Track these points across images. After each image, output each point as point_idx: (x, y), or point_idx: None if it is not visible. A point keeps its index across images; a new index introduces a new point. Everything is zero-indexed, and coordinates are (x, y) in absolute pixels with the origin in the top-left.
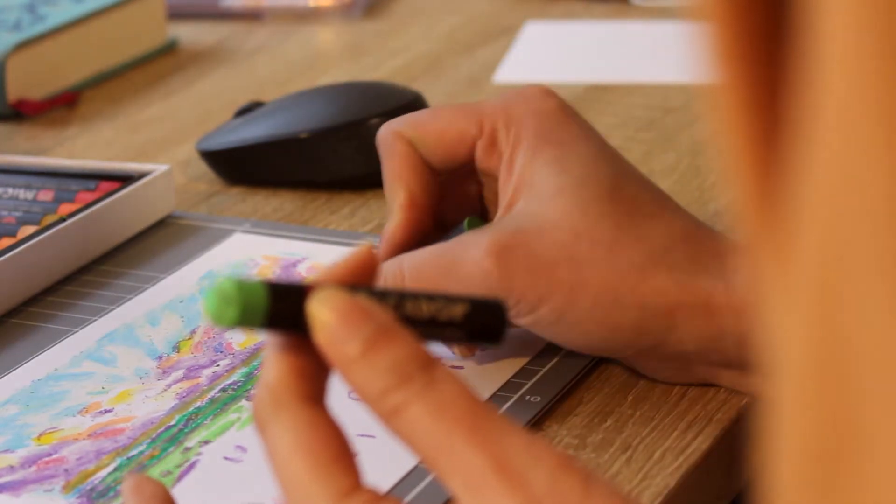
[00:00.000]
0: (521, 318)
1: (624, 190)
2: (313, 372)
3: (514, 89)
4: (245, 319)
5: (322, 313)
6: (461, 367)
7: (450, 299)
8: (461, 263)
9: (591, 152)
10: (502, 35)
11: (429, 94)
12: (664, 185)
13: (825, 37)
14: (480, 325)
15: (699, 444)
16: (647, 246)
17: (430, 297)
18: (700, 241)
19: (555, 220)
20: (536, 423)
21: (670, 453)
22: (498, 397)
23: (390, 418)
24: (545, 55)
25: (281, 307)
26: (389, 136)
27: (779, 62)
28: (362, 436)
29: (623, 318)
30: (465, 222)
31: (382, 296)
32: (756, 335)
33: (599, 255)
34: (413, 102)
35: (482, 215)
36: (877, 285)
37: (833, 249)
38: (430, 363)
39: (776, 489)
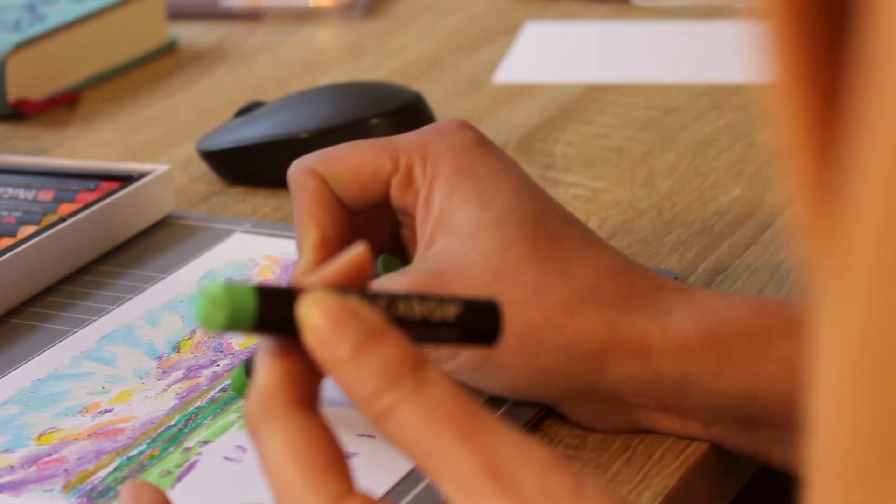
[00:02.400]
0: (442, 364)
1: (547, 226)
2: (305, 376)
3: (431, 125)
4: (234, 323)
5: (312, 315)
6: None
7: (442, 300)
8: None
9: (512, 187)
10: (502, 35)
11: (429, 94)
12: (664, 185)
13: (885, 32)
14: (474, 325)
15: (699, 445)
16: (573, 284)
17: (423, 298)
18: (630, 279)
19: (475, 260)
20: (536, 424)
21: (670, 453)
22: (498, 398)
23: (381, 420)
24: (545, 55)
25: (270, 310)
26: (301, 172)
27: (838, 58)
28: (362, 436)
29: (549, 361)
30: (379, 261)
31: (373, 297)
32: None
33: (523, 295)
34: (413, 102)
35: (396, 252)
36: None
37: (892, 244)
38: (422, 364)
39: (819, 490)
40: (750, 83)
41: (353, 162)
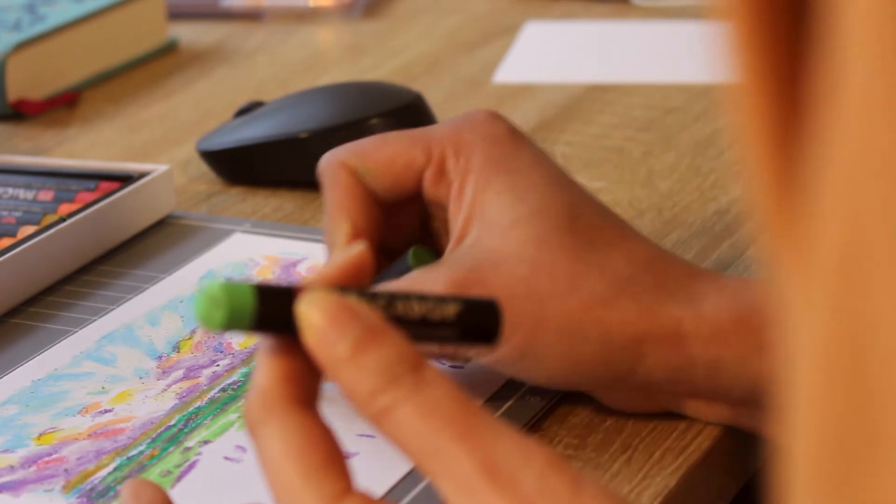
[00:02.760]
0: (482, 358)
1: (582, 218)
2: (304, 375)
3: (462, 114)
4: (233, 322)
5: (310, 314)
6: (461, 367)
7: (442, 299)
8: None
9: (546, 180)
10: (502, 35)
11: (429, 94)
12: (664, 185)
13: (845, 31)
14: (474, 324)
15: (699, 444)
16: (610, 275)
17: (422, 298)
18: (664, 268)
19: (512, 254)
20: (536, 424)
21: (670, 453)
22: (498, 397)
23: (379, 420)
24: (545, 55)
25: (269, 309)
26: (333, 165)
27: (799, 57)
28: (362, 436)
29: (587, 352)
30: (410, 253)
31: (372, 297)
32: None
33: (560, 288)
34: (413, 102)
35: (425, 243)
36: None
37: (854, 243)
38: (420, 364)
39: (790, 485)
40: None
41: (387, 154)
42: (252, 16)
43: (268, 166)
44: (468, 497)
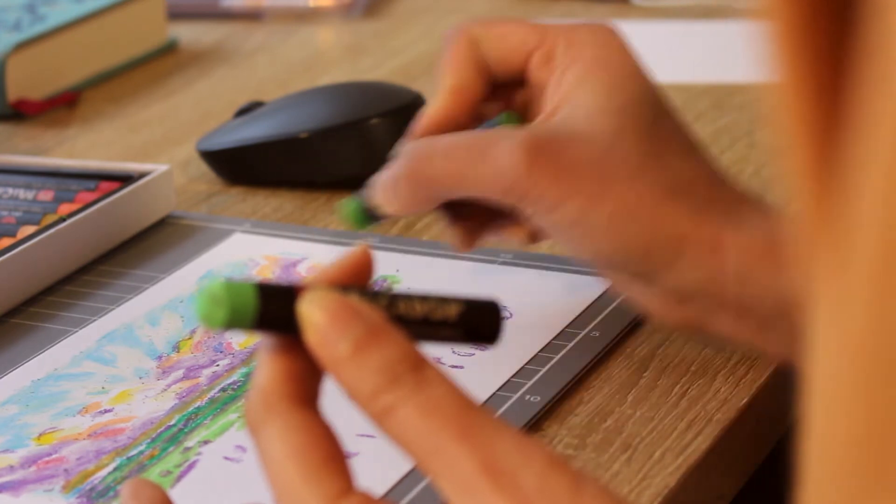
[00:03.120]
0: (538, 217)
1: (663, 126)
2: (305, 374)
3: (583, 22)
4: (234, 321)
5: (312, 314)
6: (461, 367)
7: (444, 299)
8: (493, 150)
9: (641, 89)
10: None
11: (429, 94)
12: None
13: (889, 31)
14: (476, 324)
15: (699, 444)
16: (671, 177)
17: (424, 298)
18: (720, 187)
19: (591, 135)
20: (536, 423)
21: (670, 453)
22: (498, 397)
23: (381, 419)
24: None
25: (271, 308)
26: (458, 30)
27: (842, 59)
28: (362, 436)
29: (634, 237)
30: (503, 116)
31: (374, 296)
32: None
33: (625, 173)
34: (413, 102)
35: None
36: None
37: (893, 245)
38: (421, 363)
39: (815, 485)
40: (752, 83)
41: (506, 29)
42: (252, 16)
43: (268, 166)
44: (469, 496)
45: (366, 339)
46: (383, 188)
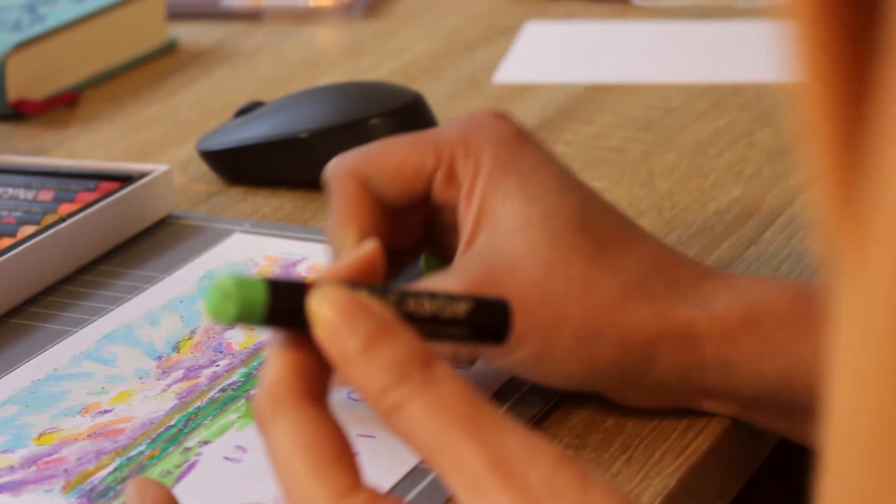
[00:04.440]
0: (498, 361)
1: (592, 219)
2: (315, 370)
3: (468, 115)
4: (244, 316)
5: (322, 310)
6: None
7: (452, 297)
8: None
9: (555, 180)
10: (502, 35)
11: (429, 94)
12: (664, 185)
13: None
14: (484, 323)
15: (699, 444)
16: (623, 277)
17: (433, 295)
18: (674, 268)
19: (525, 257)
20: (536, 424)
21: (670, 453)
22: (498, 397)
23: (390, 415)
24: (545, 55)
25: (280, 304)
26: (341, 172)
27: (865, 61)
28: (362, 436)
29: (604, 354)
30: (422, 260)
31: (384, 293)
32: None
33: (575, 290)
34: (413, 102)
35: (430, 246)
36: None
37: None
38: (430, 360)
39: (836, 475)
40: (752, 82)
41: (396, 160)
42: (252, 16)
43: (268, 166)
44: (477, 494)
45: (375, 336)
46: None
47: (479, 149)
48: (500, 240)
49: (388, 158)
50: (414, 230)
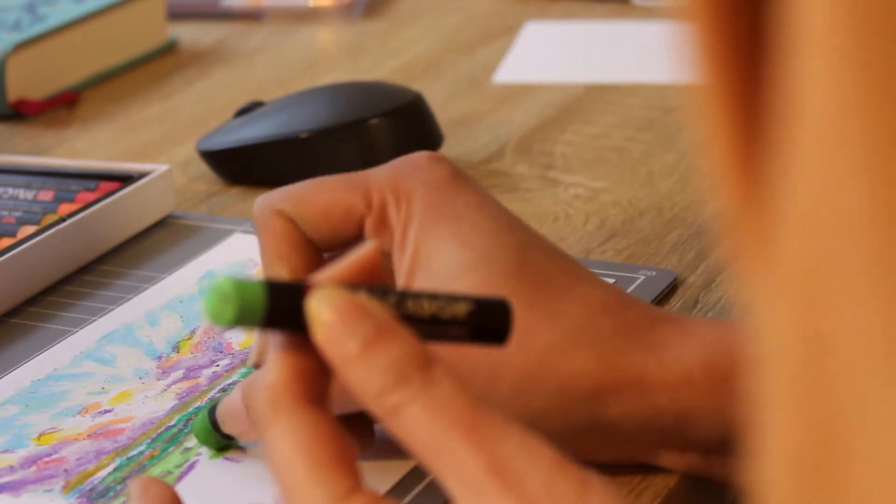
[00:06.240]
0: None
1: (531, 262)
2: (314, 373)
3: (403, 158)
4: (243, 318)
5: (321, 312)
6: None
7: (452, 298)
8: None
9: (491, 223)
10: (502, 35)
11: (429, 94)
12: (664, 185)
13: (805, 38)
14: (484, 324)
15: None
16: (565, 324)
17: (433, 296)
18: (622, 312)
19: None
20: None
21: None
22: None
23: (388, 417)
24: (545, 55)
25: (280, 306)
26: (266, 212)
27: (761, 63)
28: None
29: (546, 403)
30: None
31: (383, 294)
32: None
33: (513, 339)
34: (413, 102)
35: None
36: (858, 290)
37: (815, 253)
38: (430, 363)
39: (764, 498)
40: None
41: (323, 202)
42: (252, 16)
43: (268, 166)
44: (475, 496)
45: (374, 338)
46: (240, 421)
47: (410, 193)
48: (436, 288)
49: (315, 200)
50: None
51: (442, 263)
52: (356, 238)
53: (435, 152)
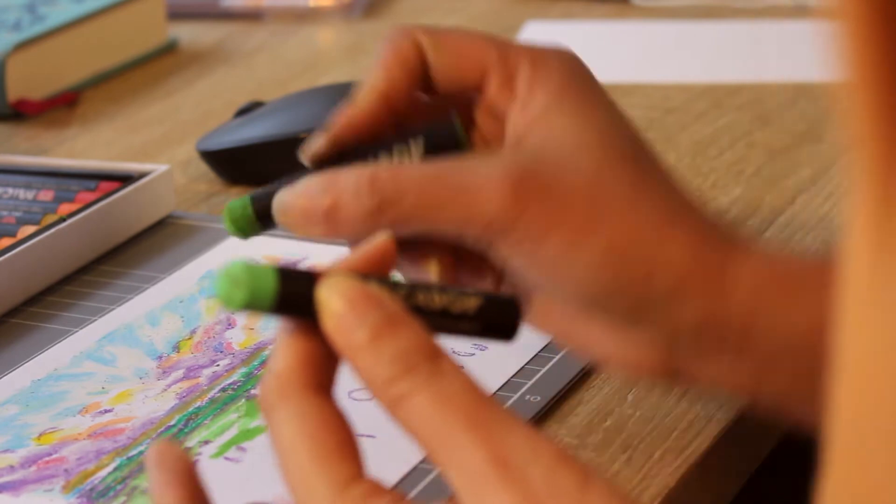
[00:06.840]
0: (517, 257)
1: (644, 155)
2: (322, 360)
3: (547, 43)
4: (253, 303)
5: (331, 300)
6: (461, 367)
7: (463, 292)
8: (472, 182)
9: (615, 118)
10: (502, 35)
11: None
12: None
13: None
14: (494, 319)
15: (699, 444)
16: (667, 204)
17: (443, 290)
18: (715, 217)
19: (576, 166)
20: (536, 424)
21: (670, 453)
22: (498, 397)
23: (394, 407)
24: None
25: (290, 292)
26: (399, 34)
27: None
28: (362, 436)
29: (631, 272)
30: (457, 124)
31: (394, 285)
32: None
33: (618, 203)
34: None
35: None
36: None
37: None
38: (437, 354)
39: (840, 475)
40: (760, 82)
41: (460, 41)
42: (252, 16)
43: (268, 166)
44: (477, 488)
45: (383, 328)
46: (325, 216)
47: (549, 67)
48: (556, 150)
49: (454, 36)
50: (437, 117)
51: (562, 133)
52: (473, 86)
53: (576, 53)
